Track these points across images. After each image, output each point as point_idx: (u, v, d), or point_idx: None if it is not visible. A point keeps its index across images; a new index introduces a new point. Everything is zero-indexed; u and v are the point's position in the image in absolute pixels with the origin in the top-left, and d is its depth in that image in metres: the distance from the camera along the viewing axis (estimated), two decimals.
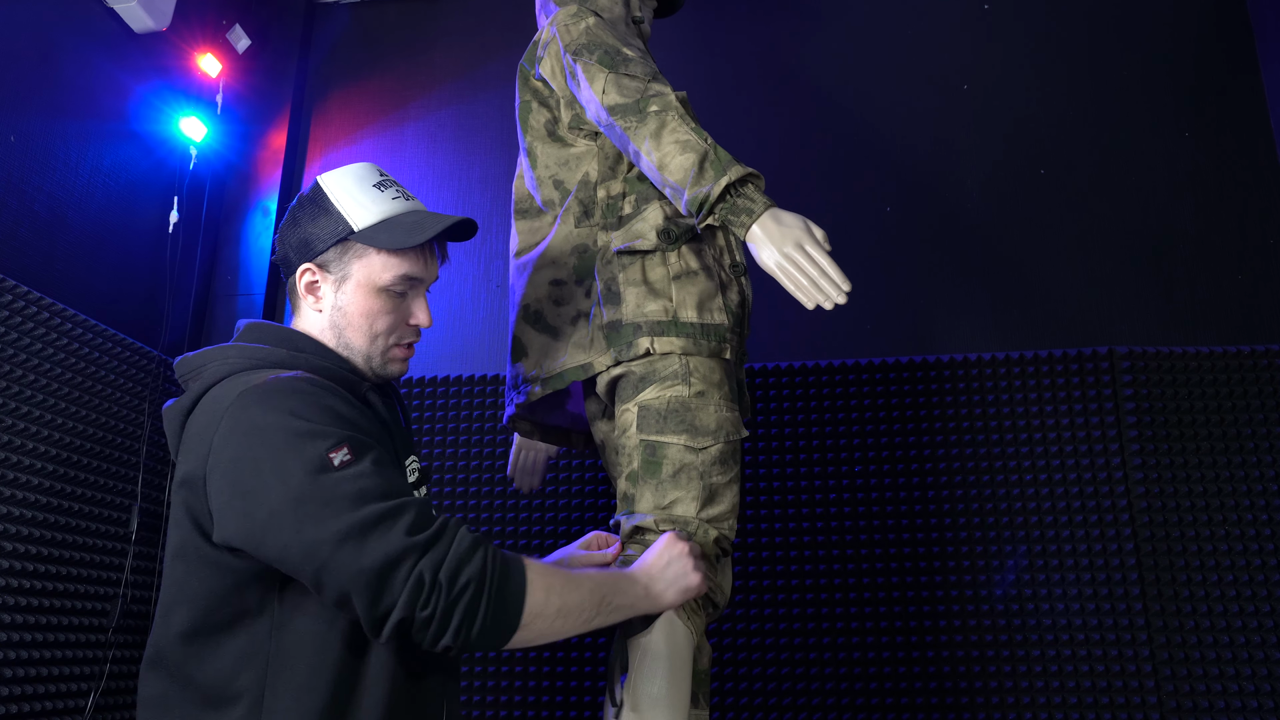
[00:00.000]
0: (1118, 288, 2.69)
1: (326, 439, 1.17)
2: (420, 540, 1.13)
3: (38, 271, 2.31)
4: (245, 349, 1.34)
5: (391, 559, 1.11)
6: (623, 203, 1.71)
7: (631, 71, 1.62)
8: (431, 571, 1.12)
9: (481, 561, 1.16)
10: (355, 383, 1.38)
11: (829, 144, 2.93)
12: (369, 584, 1.11)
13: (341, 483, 1.15)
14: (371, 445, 1.22)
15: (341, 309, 1.39)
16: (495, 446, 2.69)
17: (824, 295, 1.45)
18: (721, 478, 1.56)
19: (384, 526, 1.13)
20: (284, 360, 1.34)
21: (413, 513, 1.16)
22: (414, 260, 1.39)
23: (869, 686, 2.37)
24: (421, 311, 1.43)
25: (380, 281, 1.37)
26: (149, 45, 2.72)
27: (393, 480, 1.20)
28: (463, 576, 1.14)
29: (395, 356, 1.43)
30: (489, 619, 1.14)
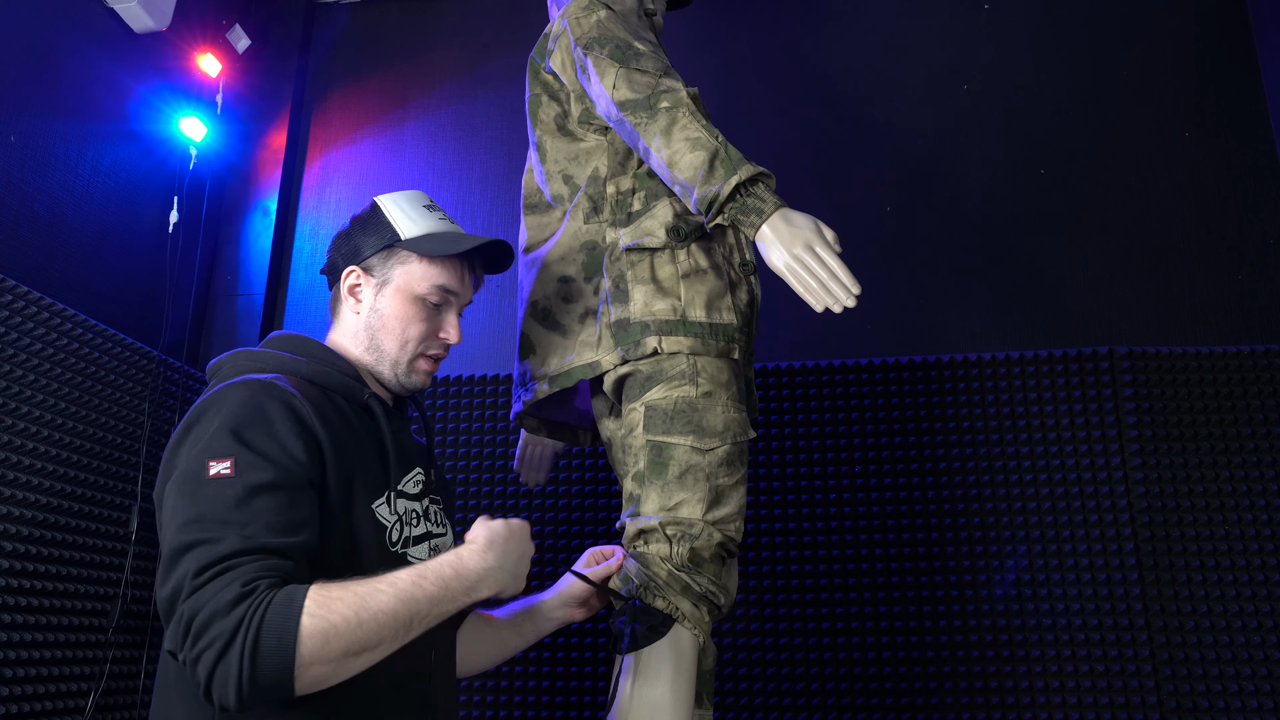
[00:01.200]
0: (1118, 288, 2.69)
1: (220, 448, 1.18)
2: (195, 581, 1.10)
3: (38, 271, 2.31)
4: (255, 354, 1.40)
5: (174, 593, 1.11)
6: (632, 199, 1.70)
7: (643, 66, 1.60)
8: (189, 617, 1.09)
9: (238, 617, 1.07)
10: (356, 389, 1.41)
11: (829, 143, 2.93)
12: (162, 613, 1.14)
13: (195, 497, 1.16)
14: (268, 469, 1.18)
15: (379, 311, 1.46)
16: (497, 446, 2.69)
17: (833, 298, 1.44)
18: (728, 479, 1.56)
19: (188, 555, 1.12)
20: (284, 364, 1.38)
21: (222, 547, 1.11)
22: (452, 273, 1.47)
23: (869, 686, 2.37)
24: (452, 327, 1.49)
25: (418, 289, 1.45)
26: (149, 45, 2.72)
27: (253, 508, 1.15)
28: (210, 632, 1.07)
29: (420, 368, 1.48)
30: (243, 678, 1.05)
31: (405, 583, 1.16)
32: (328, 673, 1.10)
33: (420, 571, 1.19)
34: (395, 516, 1.36)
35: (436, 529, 1.47)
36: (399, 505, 1.38)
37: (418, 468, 1.46)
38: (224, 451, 1.18)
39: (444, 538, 1.48)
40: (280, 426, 1.23)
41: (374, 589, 1.14)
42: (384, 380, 1.47)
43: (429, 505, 1.47)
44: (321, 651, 1.08)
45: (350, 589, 1.13)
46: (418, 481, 1.45)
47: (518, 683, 2.50)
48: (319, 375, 1.39)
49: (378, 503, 1.34)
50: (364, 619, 1.11)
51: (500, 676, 2.50)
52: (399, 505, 1.38)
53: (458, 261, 1.49)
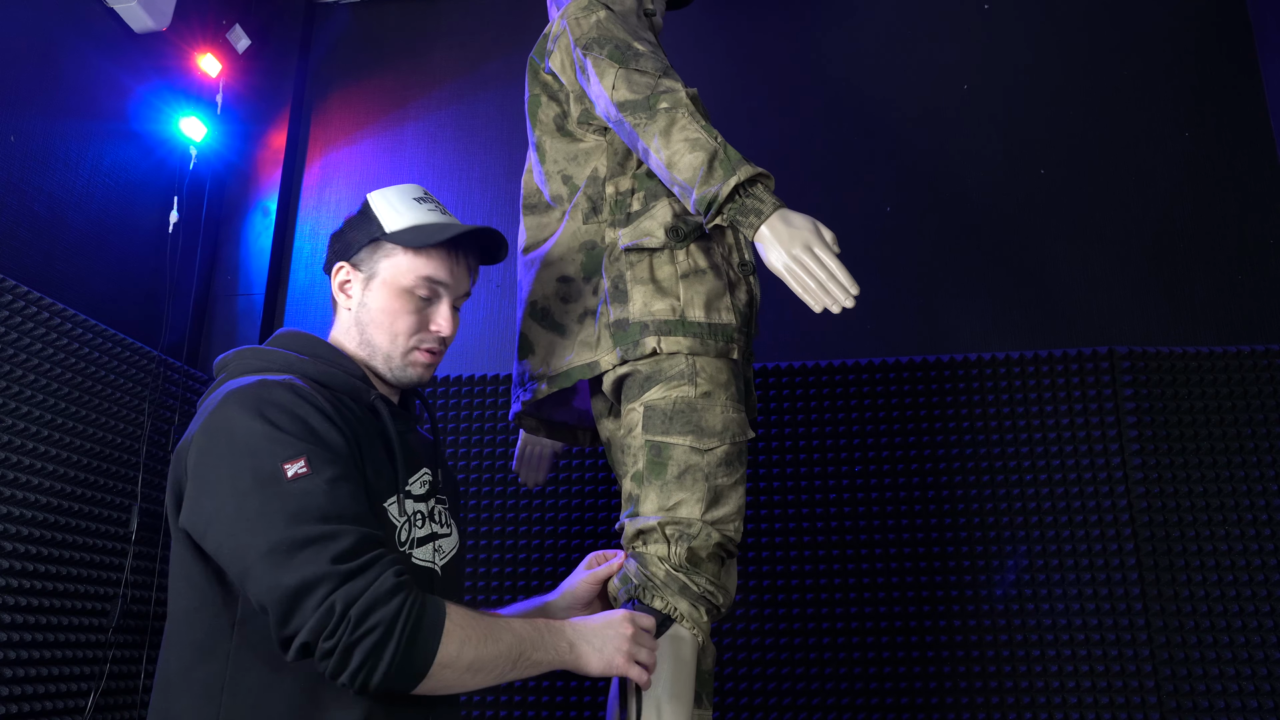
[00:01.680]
0: (1118, 288, 2.69)
1: (286, 448, 1.19)
2: (341, 570, 1.12)
3: (38, 271, 2.31)
4: (261, 352, 1.40)
5: (308, 583, 1.12)
6: (631, 199, 1.70)
7: (642, 67, 1.60)
8: (344, 604, 1.11)
9: (398, 606, 1.13)
10: (362, 390, 1.40)
11: (829, 143, 2.93)
12: (282, 601, 1.12)
13: (286, 496, 1.16)
14: (335, 462, 1.21)
15: (366, 306, 1.45)
16: (496, 446, 2.69)
17: (832, 299, 1.44)
18: (727, 479, 1.55)
19: (313, 549, 1.13)
20: (292, 364, 1.38)
21: (347, 540, 1.15)
22: (438, 264, 1.45)
23: (869, 686, 2.37)
24: (444, 319, 1.46)
25: (404, 281, 1.43)
26: (149, 45, 2.72)
27: (342, 501, 1.18)
28: (372, 618, 1.11)
29: (415, 360, 1.45)
30: (393, 665, 1.12)
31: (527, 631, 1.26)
32: (451, 680, 1.18)
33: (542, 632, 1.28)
34: (404, 517, 1.37)
35: (441, 529, 1.46)
36: (406, 506, 1.38)
37: (424, 468, 1.46)
38: (292, 451, 1.19)
39: (448, 538, 1.47)
40: (316, 421, 1.25)
41: (502, 623, 1.24)
42: (381, 375, 1.46)
43: (434, 506, 1.46)
44: (456, 657, 1.16)
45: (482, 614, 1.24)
46: (424, 482, 1.44)
47: (518, 683, 2.50)
48: (324, 375, 1.38)
49: (389, 502, 1.35)
50: (488, 643, 1.20)
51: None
52: (406, 506, 1.38)
53: (445, 252, 1.46)
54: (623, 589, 1.52)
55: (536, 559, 2.57)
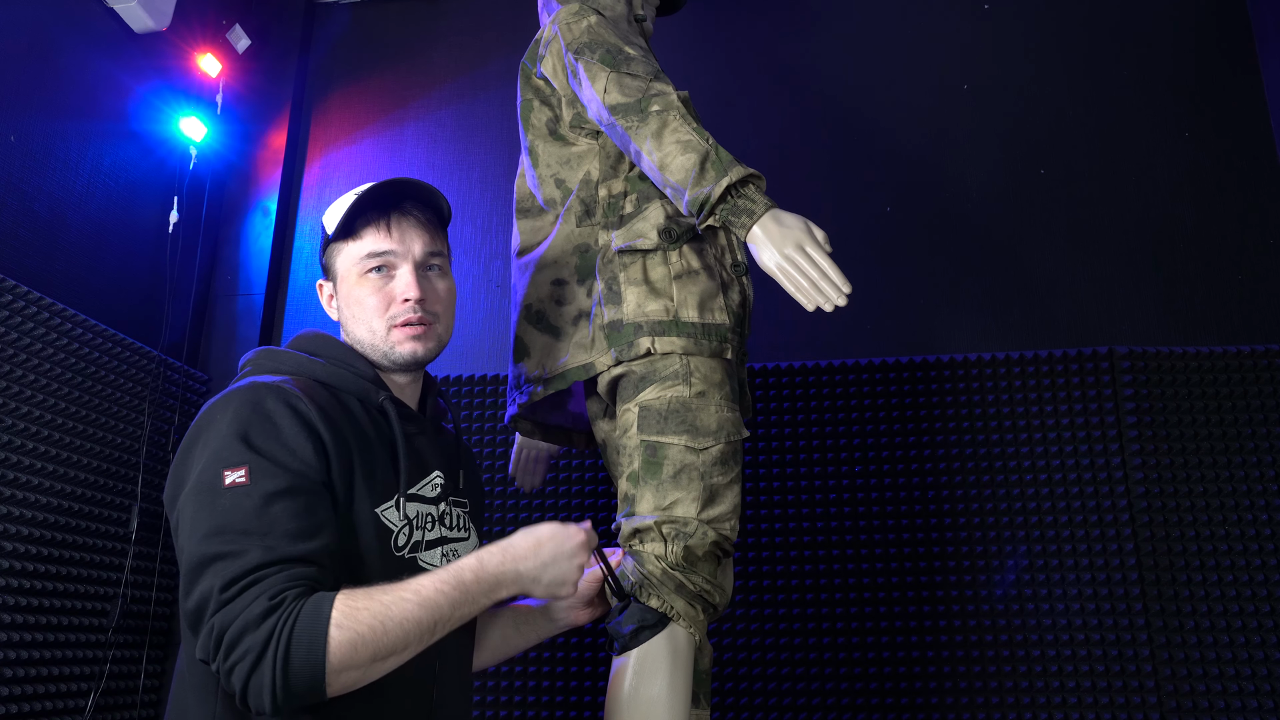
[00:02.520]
0: (1118, 288, 2.69)
1: (232, 456, 1.19)
2: (222, 597, 1.12)
3: (38, 271, 2.31)
4: (275, 354, 1.41)
5: (200, 606, 1.14)
6: (624, 202, 1.71)
7: (633, 70, 1.61)
8: (219, 630, 1.12)
9: (267, 631, 1.10)
10: (371, 391, 1.40)
11: (829, 144, 2.93)
12: (188, 619, 1.16)
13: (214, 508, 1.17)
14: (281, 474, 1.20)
15: (341, 309, 1.47)
16: (496, 446, 2.69)
17: (824, 297, 1.45)
18: (722, 478, 1.56)
19: (212, 569, 1.14)
20: (302, 365, 1.39)
21: (245, 560, 1.13)
22: (373, 234, 1.42)
23: (869, 686, 2.37)
24: (407, 285, 1.42)
25: (354, 268, 1.43)
26: (149, 45, 2.72)
27: (272, 516, 1.17)
28: (241, 645, 1.10)
29: (398, 337, 1.42)
30: (279, 687, 1.10)
31: (428, 589, 1.19)
32: (357, 677, 1.15)
33: (442, 576, 1.22)
34: (404, 520, 1.35)
35: (455, 533, 1.45)
36: (410, 509, 1.37)
37: (437, 471, 1.45)
38: (237, 460, 1.19)
39: (465, 542, 1.47)
40: (287, 429, 1.24)
41: (399, 596, 1.17)
42: (382, 367, 1.45)
43: (447, 509, 1.45)
44: (350, 659, 1.12)
45: (375, 597, 1.16)
46: (436, 485, 1.44)
47: (518, 683, 2.50)
48: (333, 377, 1.39)
49: (384, 506, 1.33)
50: (389, 626, 1.15)
51: (500, 676, 2.51)
52: (410, 509, 1.37)
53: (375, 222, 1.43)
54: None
55: None
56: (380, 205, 1.44)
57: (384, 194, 1.43)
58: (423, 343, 1.43)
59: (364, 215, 1.43)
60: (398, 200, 1.45)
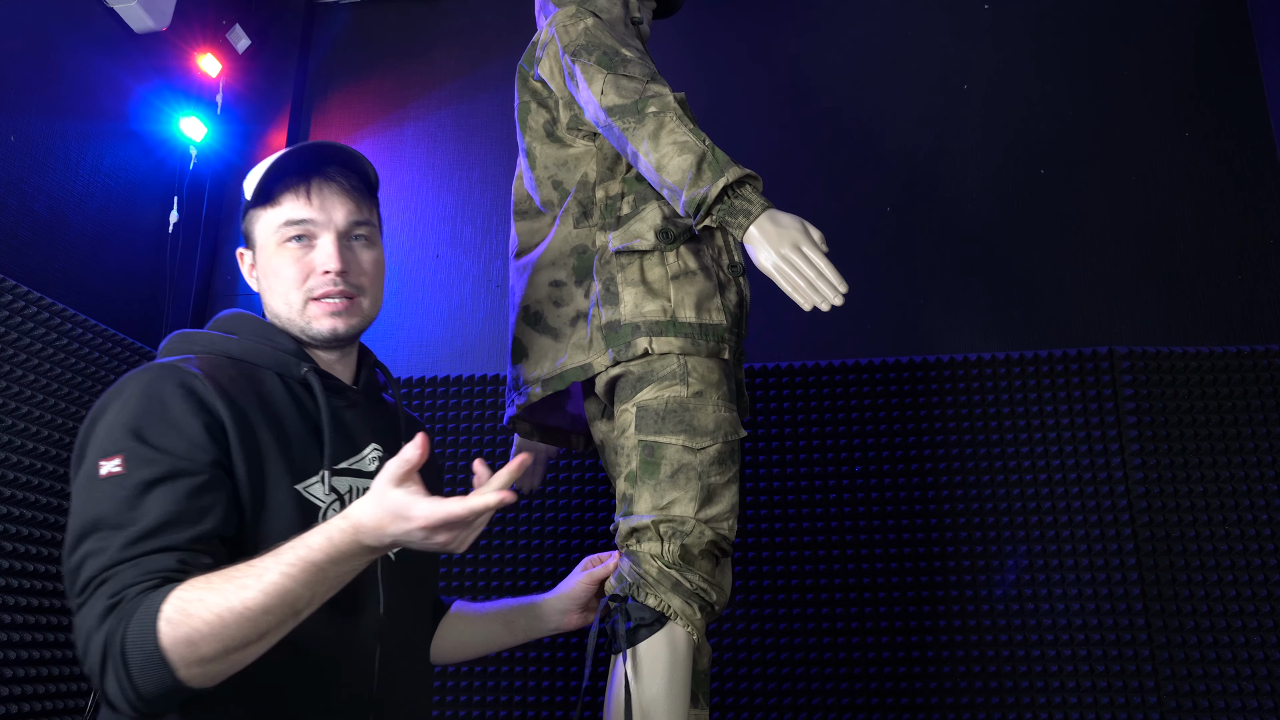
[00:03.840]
0: (1118, 288, 2.69)
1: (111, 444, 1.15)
2: (77, 601, 1.09)
3: (38, 271, 2.31)
4: (188, 336, 1.35)
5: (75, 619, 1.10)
6: (621, 203, 1.71)
7: (630, 72, 1.62)
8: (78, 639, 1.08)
9: (103, 639, 1.05)
10: (293, 364, 1.34)
11: (829, 144, 2.93)
12: None
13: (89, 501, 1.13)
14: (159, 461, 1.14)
15: (261, 278, 1.39)
16: (495, 446, 2.69)
17: (820, 297, 1.45)
18: (720, 478, 1.56)
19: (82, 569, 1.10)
20: (215, 343, 1.33)
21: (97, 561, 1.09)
22: (292, 200, 1.34)
23: (869, 686, 2.37)
24: (327, 256, 1.33)
25: (273, 236, 1.35)
26: (149, 45, 2.72)
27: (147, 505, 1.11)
28: (90, 654, 1.06)
29: (315, 313, 1.35)
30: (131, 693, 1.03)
31: (272, 574, 1.06)
32: (215, 670, 1.06)
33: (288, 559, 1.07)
34: (333, 495, 1.29)
35: None
36: (340, 483, 1.31)
37: (373, 444, 1.38)
38: (115, 448, 1.14)
39: None
40: (176, 410, 1.18)
41: (239, 584, 1.05)
42: (302, 342, 1.37)
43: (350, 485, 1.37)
44: (192, 655, 1.03)
45: (216, 587, 1.06)
46: (374, 459, 1.37)
47: (517, 682, 2.50)
48: (249, 353, 1.32)
49: (308, 483, 1.27)
50: (228, 619, 1.04)
51: (500, 676, 2.51)
52: (340, 483, 1.31)
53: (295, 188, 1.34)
54: (618, 587, 1.53)
55: (536, 559, 2.58)
56: (301, 170, 1.36)
57: (305, 158, 1.36)
58: (343, 318, 1.35)
59: (283, 180, 1.35)
60: (320, 165, 1.37)
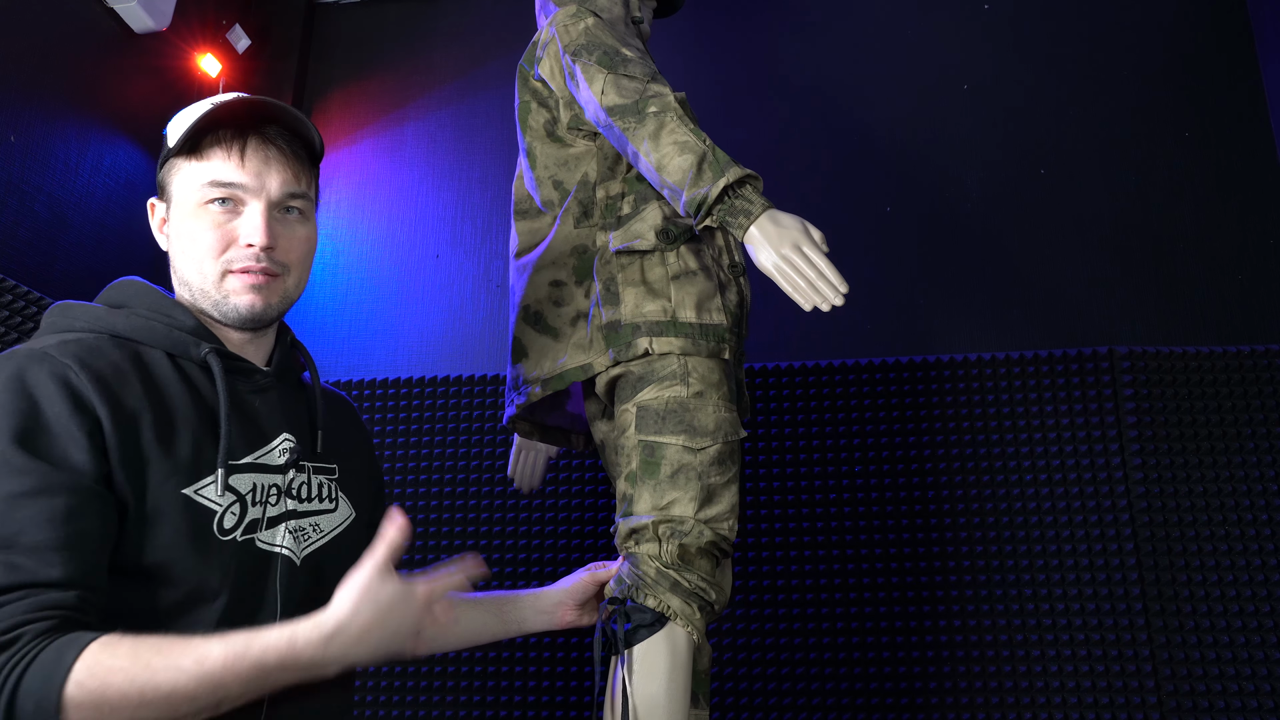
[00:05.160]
0: (1118, 288, 2.69)
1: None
2: None
3: (38, 271, 2.31)
4: (69, 309, 1.19)
5: None
6: (622, 203, 1.71)
7: (630, 72, 1.62)
8: None
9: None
10: (189, 344, 1.18)
11: (829, 143, 2.93)
12: None
13: None
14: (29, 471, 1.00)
15: (173, 238, 1.22)
16: (495, 446, 2.69)
17: (821, 297, 1.45)
18: (720, 478, 1.56)
19: None
20: (99, 319, 1.16)
21: None
22: (221, 158, 1.18)
23: (869, 686, 2.37)
24: (253, 228, 1.18)
25: (192, 195, 1.19)
26: (149, 45, 2.73)
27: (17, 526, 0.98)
28: None
29: (234, 286, 1.19)
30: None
31: (214, 662, 0.96)
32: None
33: (236, 650, 0.98)
34: (233, 497, 1.14)
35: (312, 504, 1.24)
36: (241, 482, 1.15)
37: (285, 434, 1.23)
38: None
39: (329, 514, 1.26)
40: (50, 410, 1.03)
41: (172, 663, 0.95)
42: (211, 318, 1.22)
43: (298, 478, 1.23)
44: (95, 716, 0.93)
45: (141, 656, 0.95)
46: (285, 450, 1.22)
47: (517, 682, 2.50)
48: (138, 331, 1.16)
49: (201, 484, 1.11)
50: (148, 696, 0.94)
51: (499, 676, 2.50)
52: (241, 482, 1.15)
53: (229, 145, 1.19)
54: (617, 589, 1.53)
55: (536, 559, 2.58)
56: (237, 124, 1.20)
57: (242, 111, 1.20)
58: (263, 296, 1.20)
59: (215, 132, 1.19)
60: (259, 123, 1.22)
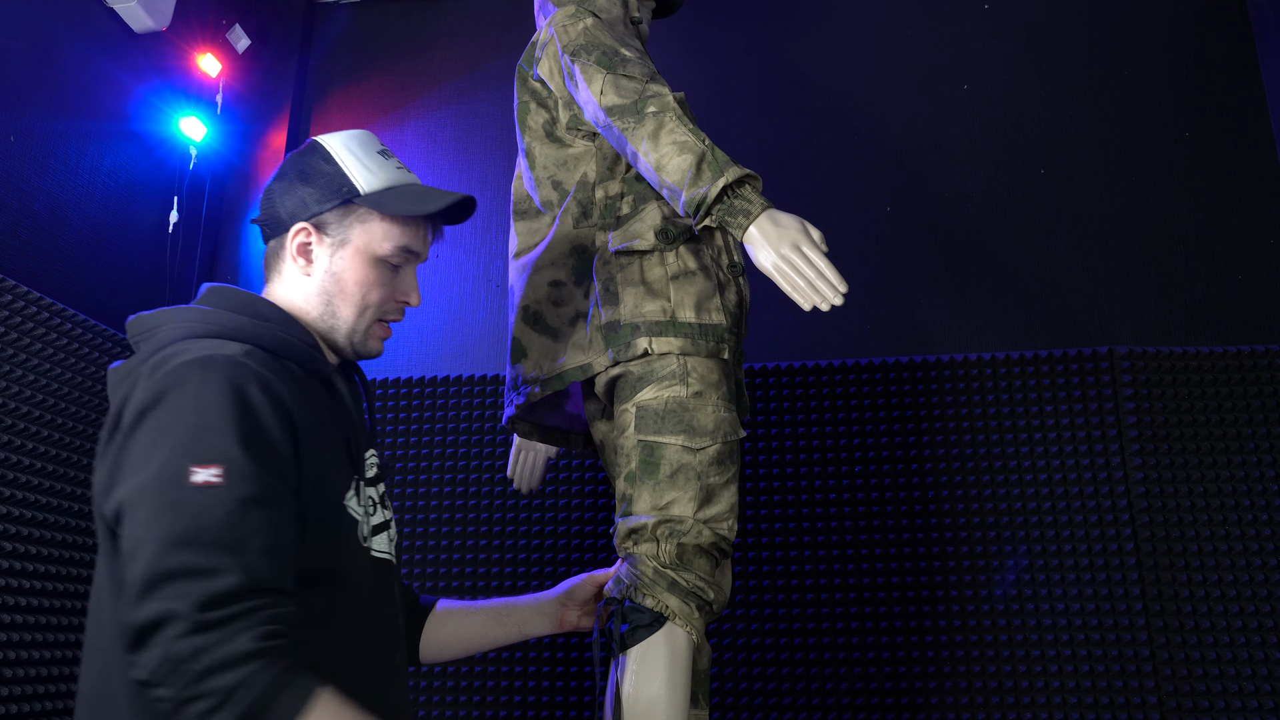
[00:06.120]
0: (1118, 288, 2.69)
1: (204, 449, 1.05)
2: (200, 618, 0.98)
3: (38, 271, 2.31)
4: (205, 314, 1.24)
5: (161, 619, 0.98)
6: (621, 203, 1.71)
7: (629, 72, 1.62)
8: (187, 655, 0.97)
9: (244, 676, 0.97)
10: (318, 362, 1.27)
11: (829, 144, 2.93)
12: (132, 631, 1.00)
13: (181, 508, 1.03)
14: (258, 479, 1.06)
15: (335, 275, 1.31)
16: (495, 446, 2.69)
17: (820, 296, 1.45)
18: (719, 478, 1.56)
19: (181, 584, 0.99)
20: (244, 329, 1.22)
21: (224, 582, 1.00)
22: (414, 233, 1.35)
23: (869, 686, 2.37)
24: (413, 290, 1.37)
25: (380, 250, 1.31)
26: (149, 45, 2.72)
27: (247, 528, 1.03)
28: (210, 681, 0.96)
29: (377, 334, 1.36)
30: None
31: None
32: None
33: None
34: (361, 508, 1.25)
35: (389, 513, 1.36)
36: (364, 495, 1.27)
37: (371, 449, 1.35)
38: (210, 455, 1.04)
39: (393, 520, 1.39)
40: (265, 419, 1.10)
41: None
42: (338, 348, 1.34)
43: (383, 490, 1.37)
44: None
45: None
46: (373, 464, 1.34)
47: (517, 683, 2.50)
48: (281, 345, 1.23)
49: (348, 496, 1.22)
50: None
51: (499, 676, 2.50)
52: (364, 495, 1.27)
53: (421, 219, 1.35)
54: (615, 590, 1.53)
55: (536, 559, 2.58)
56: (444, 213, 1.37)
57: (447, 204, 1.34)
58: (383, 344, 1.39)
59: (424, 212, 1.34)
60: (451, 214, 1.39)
